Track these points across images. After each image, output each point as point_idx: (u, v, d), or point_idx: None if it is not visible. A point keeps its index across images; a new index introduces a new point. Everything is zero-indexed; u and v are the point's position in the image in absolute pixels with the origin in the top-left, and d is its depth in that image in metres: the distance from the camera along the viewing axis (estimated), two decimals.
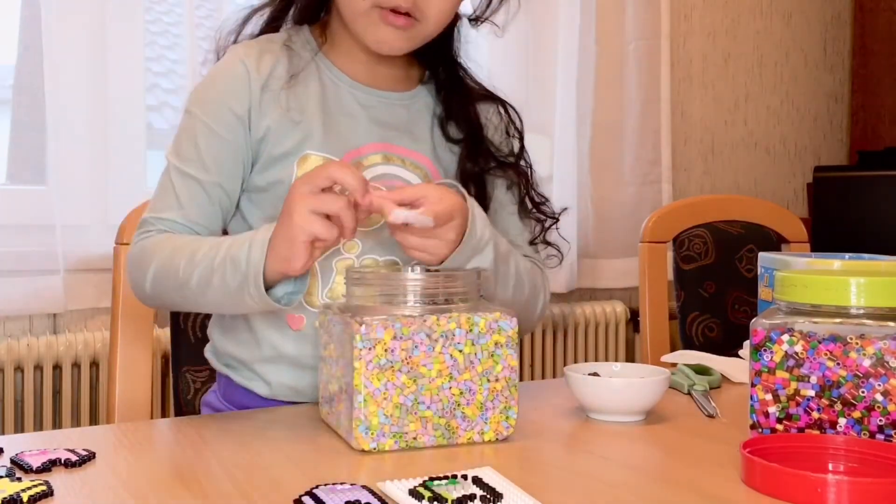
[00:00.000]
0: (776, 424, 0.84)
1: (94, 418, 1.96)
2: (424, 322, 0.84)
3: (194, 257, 0.98)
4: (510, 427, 0.88)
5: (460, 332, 0.85)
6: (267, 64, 1.09)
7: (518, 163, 1.19)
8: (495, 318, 0.86)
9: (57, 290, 1.90)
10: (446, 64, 1.19)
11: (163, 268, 1.01)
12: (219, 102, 1.08)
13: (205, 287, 0.97)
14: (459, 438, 0.86)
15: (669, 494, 0.73)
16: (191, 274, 0.98)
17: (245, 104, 1.08)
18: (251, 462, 0.81)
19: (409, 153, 1.13)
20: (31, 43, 1.94)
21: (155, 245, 1.03)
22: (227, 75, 1.09)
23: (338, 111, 1.11)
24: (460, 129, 1.16)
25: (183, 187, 1.07)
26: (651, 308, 1.63)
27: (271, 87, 1.09)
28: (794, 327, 0.83)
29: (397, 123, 1.14)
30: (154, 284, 1.02)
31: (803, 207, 3.12)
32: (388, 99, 1.14)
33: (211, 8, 2.16)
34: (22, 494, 0.68)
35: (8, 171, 2.00)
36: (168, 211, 1.06)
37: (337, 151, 1.08)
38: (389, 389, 0.83)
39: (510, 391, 0.87)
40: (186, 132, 1.09)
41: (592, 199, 2.63)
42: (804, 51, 3.16)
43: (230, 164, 1.08)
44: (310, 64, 1.12)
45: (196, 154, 1.07)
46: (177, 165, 1.08)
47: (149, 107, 2.08)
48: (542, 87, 2.54)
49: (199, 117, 1.08)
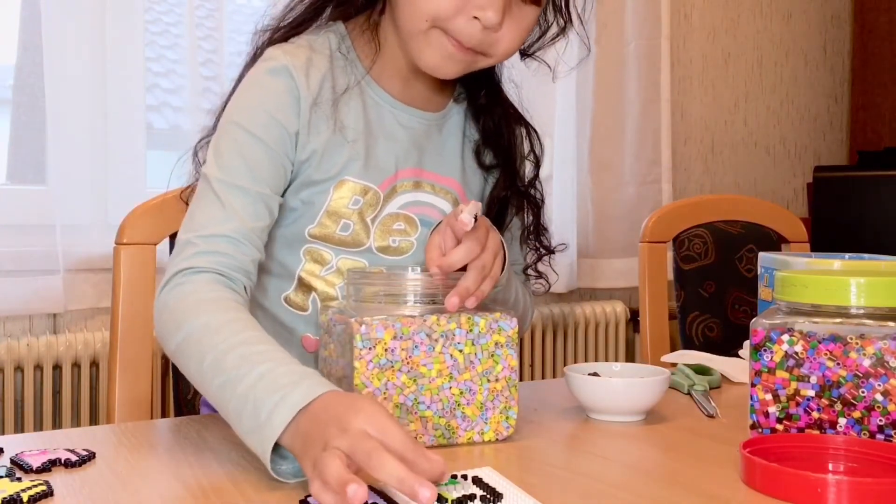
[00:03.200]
0: (776, 424, 0.84)
1: (94, 418, 1.96)
2: (424, 322, 0.84)
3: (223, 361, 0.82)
4: (510, 427, 0.88)
5: (460, 331, 0.85)
6: (315, 79, 1.02)
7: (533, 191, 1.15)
8: (495, 319, 0.86)
9: (57, 290, 1.90)
10: (489, 88, 1.13)
11: (188, 348, 0.86)
12: (267, 114, 1.00)
13: (219, 402, 0.82)
14: (459, 438, 0.86)
15: (669, 494, 0.73)
16: (212, 379, 0.82)
17: (295, 122, 1.01)
18: (251, 462, 0.81)
19: (440, 179, 1.09)
20: (31, 43, 1.94)
21: (188, 309, 0.88)
22: (275, 88, 1.01)
23: (380, 133, 1.06)
24: (496, 157, 1.12)
25: (230, 197, 0.96)
26: (651, 308, 1.63)
27: (321, 105, 1.02)
28: (794, 327, 0.83)
29: (431, 146, 1.09)
30: (177, 356, 0.88)
31: (803, 207, 3.12)
32: (425, 119, 1.09)
33: (211, 8, 2.16)
34: (22, 494, 0.68)
35: (8, 171, 2.00)
36: (215, 226, 0.95)
37: (375, 177, 1.04)
38: (390, 389, 0.83)
39: (510, 391, 0.87)
40: (229, 144, 0.99)
41: (592, 199, 2.64)
42: (804, 51, 3.16)
43: (278, 177, 1.00)
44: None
45: (241, 163, 0.98)
46: (220, 178, 0.97)
47: (149, 107, 2.08)
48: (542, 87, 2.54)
49: (243, 127, 0.99)
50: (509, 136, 1.13)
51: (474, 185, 1.13)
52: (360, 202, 1.04)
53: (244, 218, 0.96)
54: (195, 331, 0.86)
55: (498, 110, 1.13)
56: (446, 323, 0.85)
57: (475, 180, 1.13)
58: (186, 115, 2.12)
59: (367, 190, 1.04)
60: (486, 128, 1.12)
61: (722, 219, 1.76)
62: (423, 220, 1.07)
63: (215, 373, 0.81)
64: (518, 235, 1.16)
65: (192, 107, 2.07)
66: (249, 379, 0.78)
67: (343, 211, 1.03)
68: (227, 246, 0.94)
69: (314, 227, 1.04)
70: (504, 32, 0.98)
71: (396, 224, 1.06)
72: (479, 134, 1.13)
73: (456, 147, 1.12)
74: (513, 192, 1.13)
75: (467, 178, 1.12)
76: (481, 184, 1.14)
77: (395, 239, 1.06)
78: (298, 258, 1.05)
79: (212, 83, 2.10)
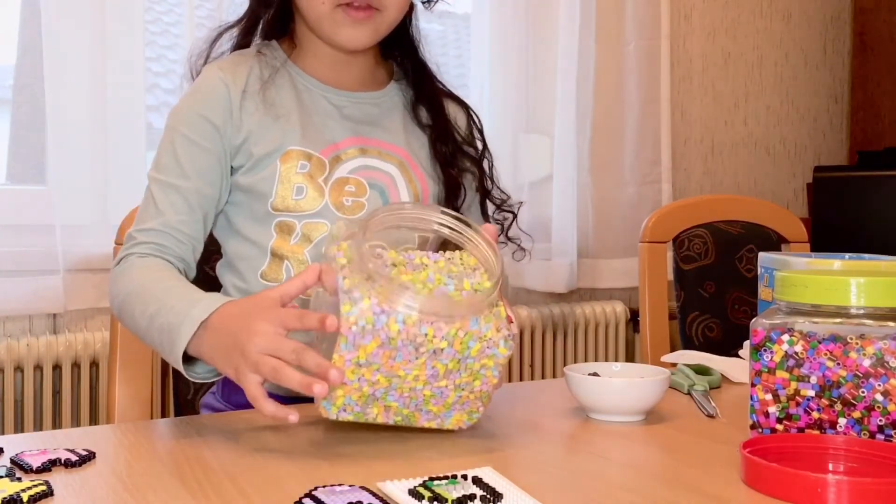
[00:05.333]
0: (776, 424, 0.84)
1: (94, 418, 1.96)
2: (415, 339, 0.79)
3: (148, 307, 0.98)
4: (470, 423, 0.88)
5: (450, 350, 0.81)
6: (242, 73, 1.14)
7: (482, 159, 1.25)
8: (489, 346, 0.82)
9: (57, 290, 1.90)
10: (409, 55, 1.25)
11: (126, 307, 1.02)
12: (196, 114, 1.12)
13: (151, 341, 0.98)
14: (419, 424, 0.87)
15: (669, 494, 0.73)
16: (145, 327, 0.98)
17: (222, 114, 1.11)
18: (251, 462, 0.81)
19: (385, 145, 1.18)
20: (31, 43, 1.94)
21: (123, 276, 1.05)
22: (203, 89, 1.13)
23: (313, 111, 1.16)
24: (429, 114, 1.22)
25: (161, 195, 1.09)
26: (651, 308, 1.63)
27: (249, 93, 1.13)
28: (794, 327, 0.83)
29: (369, 119, 1.19)
30: (120, 314, 1.05)
31: (803, 207, 3.12)
32: (359, 99, 1.19)
33: (211, 8, 2.16)
34: (22, 494, 0.68)
35: (8, 171, 2.00)
36: (148, 221, 1.09)
37: (316, 145, 1.13)
38: (362, 383, 0.81)
39: (482, 401, 0.87)
40: (165, 146, 1.12)
41: (592, 199, 2.64)
42: (804, 51, 3.16)
43: (209, 171, 1.11)
44: (281, 71, 1.16)
45: (174, 163, 1.10)
46: (155, 177, 1.11)
47: (149, 107, 2.08)
48: (542, 87, 2.54)
49: (177, 129, 1.12)
50: (437, 93, 1.25)
51: (419, 151, 1.21)
52: (307, 166, 1.12)
53: (169, 216, 1.08)
54: (131, 291, 1.02)
55: (422, 71, 1.25)
56: (438, 340, 0.80)
57: (419, 145, 1.21)
58: None
59: (310, 156, 1.12)
60: (416, 87, 1.24)
61: (722, 219, 1.76)
62: (372, 183, 1.15)
63: (145, 319, 0.97)
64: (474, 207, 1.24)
65: None
66: (164, 312, 0.95)
67: (293, 177, 1.11)
68: (158, 237, 1.08)
69: (274, 200, 1.11)
70: None
71: (347, 187, 1.13)
72: (412, 93, 1.23)
73: (398, 119, 1.22)
74: (462, 154, 1.23)
75: (411, 144, 1.20)
76: (426, 147, 1.22)
77: (349, 199, 1.13)
78: (270, 234, 1.12)
79: None
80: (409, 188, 1.16)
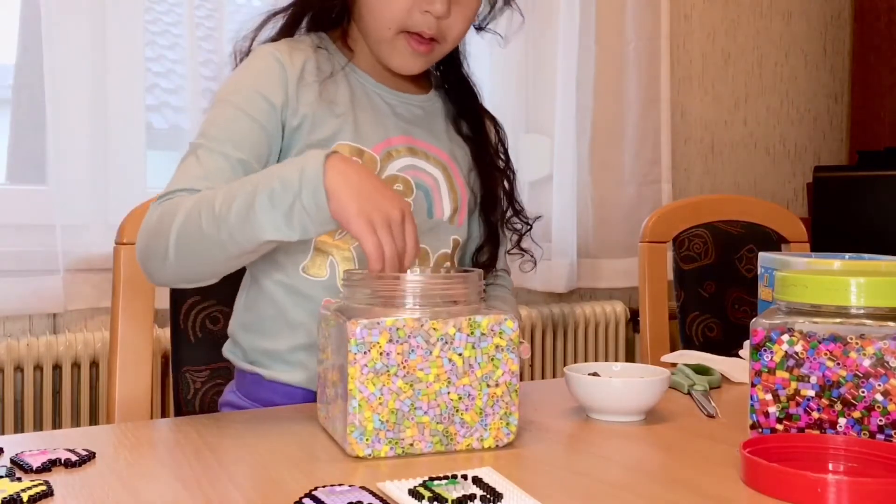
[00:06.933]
0: (776, 424, 0.84)
1: (94, 418, 1.96)
2: (422, 326, 0.82)
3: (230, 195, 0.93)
4: (511, 434, 0.86)
5: (460, 335, 0.83)
6: (298, 59, 1.13)
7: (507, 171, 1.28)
8: (497, 322, 0.85)
9: (57, 290, 1.90)
10: (454, 68, 1.27)
11: (195, 209, 0.95)
12: (252, 89, 1.09)
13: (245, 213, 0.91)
14: (458, 445, 0.84)
15: (669, 494, 0.73)
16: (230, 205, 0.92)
17: (280, 94, 1.10)
18: (251, 462, 0.81)
19: (431, 148, 1.19)
20: (31, 43, 1.94)
21: (181, 201, 0.98)
22: (260, 67, 1.11)
23: (367, 106, 1.16)
24: (470, 127, 1.25)
25: (209, 159, 1.04)
26: (651, 308, 1.63)
27: (306, 79, 1.12)
28: (794, 327, 0.83)
29: (417, 121, 1.20)
30: (180, 236, 0.96)
31: (803, 207, 3.12)
32: (407, 100, 1.21)
33: (211, 8, 2.16)
34: (22, 494, 0.68)
35: (8, 171, 2.00)
36: (192, 181, 1.02)
37: (368, 142, 1.13)
38: (385, 394, 0.81)
39: (511, 396, 0.85)
40: (215, 118, 1.08)
41: (592, 199, 2.64)
42: (804, 51, 3.16)
43: (259, 146, 1.07)
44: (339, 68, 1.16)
45: (225, 133, 1.06)
46: (201, 143, 1.05)
47: (149, 107, 2.08)
48: (542, 87, 2.54)
49: (230, 102, 1.08)
50: (479, 107, 1.28)
51: (461, 160, 1.23)
52: (360, 162, 1.10)
53: (216, 178, 1.02)
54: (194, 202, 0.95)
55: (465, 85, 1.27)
56: (444, 327, 0.83)
57: (461, 155, 1.23)
58: (186, 115, 2.12)
59: (362, 152, 1.12)
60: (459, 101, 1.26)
61: (722, 219, 1.76)
62: (419, 184, 1.16)
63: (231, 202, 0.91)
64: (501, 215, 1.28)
65: (192, 107, 2.06)
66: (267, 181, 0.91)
67: None
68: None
69: None
70: (453, 18, 1.12)
71: (396, 185, 1.14)
72: (453, 107, 1.26)
73: (441, 125, 1.24)
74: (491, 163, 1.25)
75: (454, 153, 1.22)
76: (466, 158, 1.24)
77: None
78: None
79: (212, 83, 2.10)
80: (450, 194, 1.18)
